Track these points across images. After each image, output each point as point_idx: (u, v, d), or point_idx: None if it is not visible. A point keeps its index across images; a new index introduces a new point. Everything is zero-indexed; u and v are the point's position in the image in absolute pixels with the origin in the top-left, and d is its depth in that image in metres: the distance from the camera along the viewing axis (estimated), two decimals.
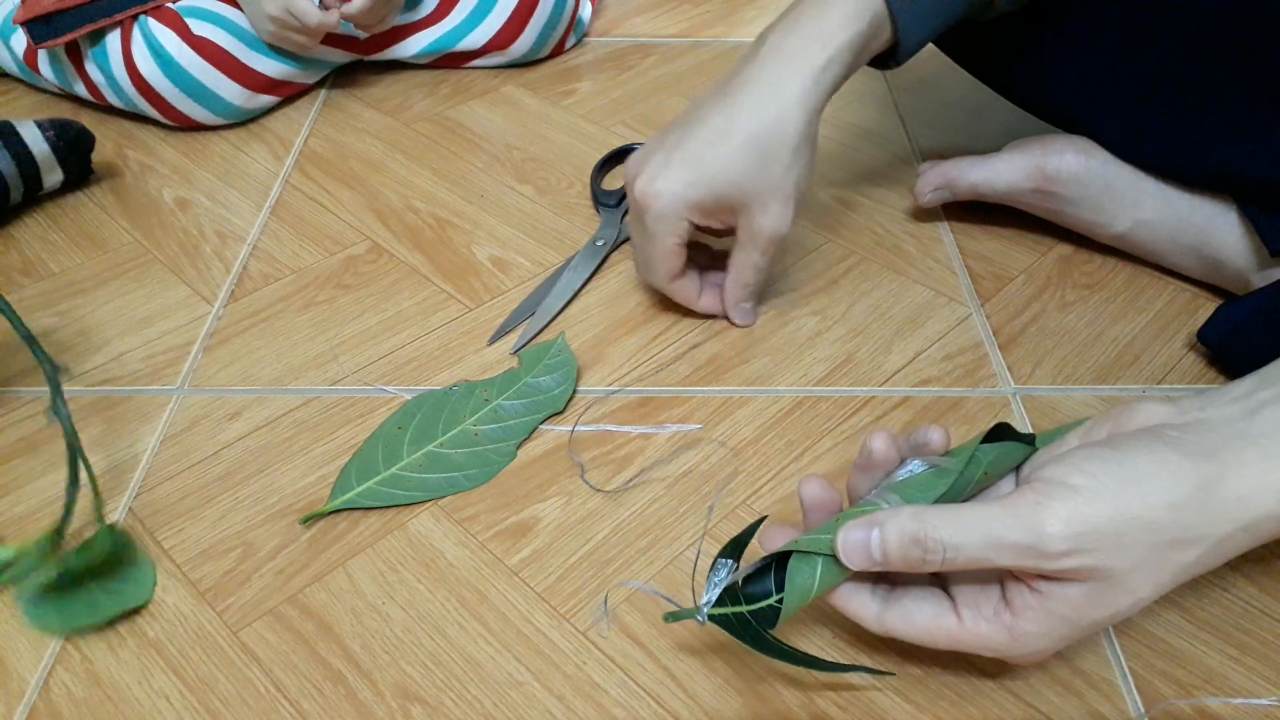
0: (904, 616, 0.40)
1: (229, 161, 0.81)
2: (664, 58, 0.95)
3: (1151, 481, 0.36)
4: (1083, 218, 0.66)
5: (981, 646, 0.39)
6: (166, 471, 0.55)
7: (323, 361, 0.61)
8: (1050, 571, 0.36)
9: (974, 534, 0.37)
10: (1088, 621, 0.37)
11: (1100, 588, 0.36)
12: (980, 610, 0.39)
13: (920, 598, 0.40)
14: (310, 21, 0.78)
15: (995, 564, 0.37)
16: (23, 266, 0.70)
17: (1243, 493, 0.36)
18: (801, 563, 0.40)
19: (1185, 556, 0.36)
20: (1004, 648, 0.39)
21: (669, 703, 0.44)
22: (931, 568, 0.38)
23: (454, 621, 0.47)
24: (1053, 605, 0.37)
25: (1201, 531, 0.36)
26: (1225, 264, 0.62)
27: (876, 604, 0.41)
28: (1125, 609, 0.37)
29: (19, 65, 0.89)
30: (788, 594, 0.40)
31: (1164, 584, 0.37)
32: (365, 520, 0.52)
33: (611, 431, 0.56)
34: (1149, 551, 0.36)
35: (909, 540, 0.37)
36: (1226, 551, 0.37)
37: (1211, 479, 0.36)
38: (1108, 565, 0.36)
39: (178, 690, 0.45)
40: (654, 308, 0.65)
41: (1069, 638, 0.38)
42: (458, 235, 0.72)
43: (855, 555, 0.39)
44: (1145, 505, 0.36)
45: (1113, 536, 0.35)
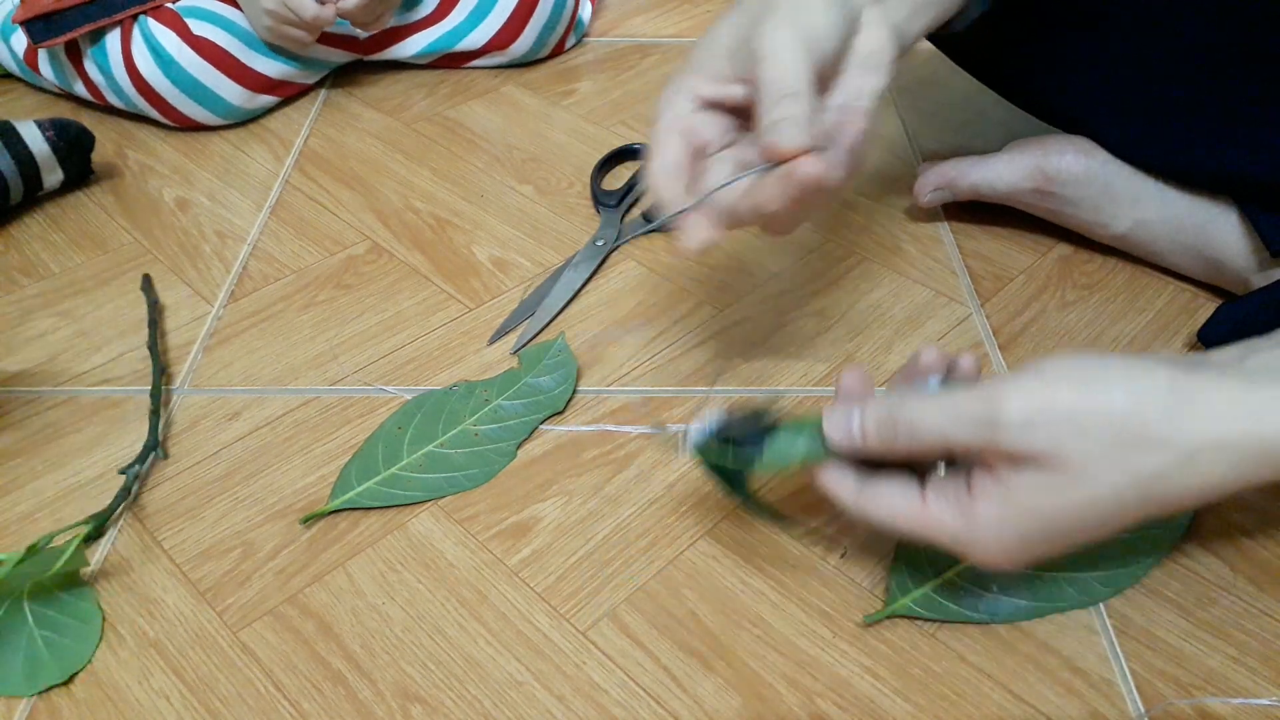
0: (874, 497, 0.41)
1: (229, 161, 0.81)
2: (664, 58, 0.95)
3: (1120, 375, 0.36)
4: (1083, 218, 0.66)
5: (939, 530, 0.39)
6: (166, 471, 0.55)
7: (323, 361, 0.61)
8: (1006, 449, 0.36)
9: (937, 409, 0.38)
10: (1043, 514, 0.37)
11: (1055, 477, 0.36)
12: (944, 494, 0.40)
13: (893, 480, 0.41)
14: (306, 15, 0.78)
15: (955, 440, 0.38)
16: (23, 266, 0.70)
17: (1218, 407, 0.35)
18: (791, 433, 0.43)
19: (1148, 460, 0.35)
20: (960, 532, 0.39)
21: (669, 703, 0.44)
22: (901, 444, 0.39)
23: (454, 621, 0.47)
24: (1009, 492, 0.37)
25: (1166, 434, 0.35)
26: (1225, 264, 0.62)
27: (854, 486, 0.42)
28: (1082, 505, 0.36)
29: (19, 65, 0.89)
30: (768, 451, 0.43)
31: (1124, 491, 0.36)
32: (365, 520, 0.52)
33: (611, 431, 0.56)
34: (1109, 445, 0.35)
35: (883, 417, 0.39)
36: (1200, 474, 0.36)
37: (1185, 386, 0.35)
38: (1063, 450, 0.35)
39: (178, 690, 0.45)
40: (654, 308, 0.65)
41: (1025, 535, 0.38)
42: (458, 235, 0.72)
43: (836, 430, 0.41)
44: (1109, 396, 0.35)
45: (1070, 421, 0.35)
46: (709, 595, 0.48)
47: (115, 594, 0.48)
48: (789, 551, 0.50)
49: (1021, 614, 0.46)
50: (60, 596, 0.48)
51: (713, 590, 0.48)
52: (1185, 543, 0.49)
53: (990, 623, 0.46)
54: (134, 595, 0.48)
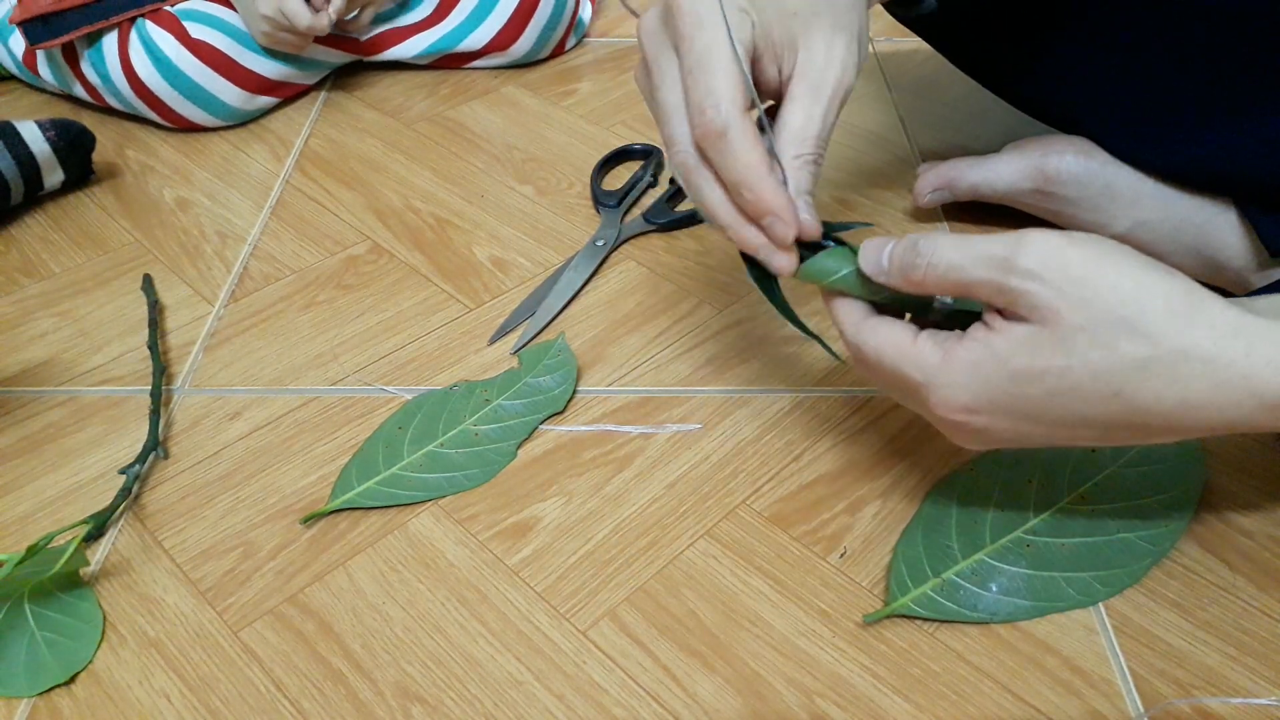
0: (873, 329, 0.42)
1: (229, 161, 0.81)
2: None
3: (1139, 263, 0.36)
4: (1083, 218, 0.66)
5: (915, 364, 0.40)
6: (167, 471, 0.55)
7: (323, 361, 0.61)
8: (1010, 290, 0.36)
9: (960, 245, 0.38)
10: (1016, 370, 0.37)
11: (1042, 334, 0.36)
12: (934, 337, 0.40)
13: (894, 319, 0.42)
14: (301, 24, 0.79)
15: (968, 273, 0.38)
16: (23, 266, 0.70)
17: (1216, 325, 0.35)
18: (836, 255, 0.44)
19: (1133, 350, 0.35)
20: (934, 370, 0.39)
21: (669, 703, 0.44)
22: (918, 273, 0.39)
23: (454, 621, 0.47)
24: (994, 339, 0.37)
25: (1160, 330, 0.35)
26: (1225, 264, 0.62)
27: (860, 315, 0.43)
28: (1056, 374, 0.36)
29: (18, 66, 0.89)
30: (807, 263, 0.44)
31: (1101, 374, 0.36)
32: (365, 520, 0.52)
33: (611, 431, 0.56)
34: (1100, 318, 0.35)
35: (906, 247, 0.40)
36: (1179, 384, 0.35)
37: (1193, 296, 0.36)
38: (1059, 308, 0.36)
39: (178, 690, 0.45)
40: (654, 308, 0.65)
41: (991, 390, 0.38)
42: (458, 235, 0.72)
43: (870, 255, 0.41)
44: (1120, 274, 0.36)
45: (1077, 281, 0.36)
46: (709, 595, 0.48)
47: (116, 594, 0.49)
48: (789, 551, 0.50)
49: (1021, 614, 0.46)
50: (61, 597, 0.48)
51: (713, 590, 0.48)
52: (1185, 543, 0.49)
53: (990, 623, 0.46)
54: (134, 595, 0.48)
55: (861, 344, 0.42)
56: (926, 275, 0.39)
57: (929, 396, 0.40)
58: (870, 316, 0.43)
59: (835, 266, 0.44)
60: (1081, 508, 0.49)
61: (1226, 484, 0.52)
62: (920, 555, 0.48)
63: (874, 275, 0.42)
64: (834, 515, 0.51)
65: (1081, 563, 0.47)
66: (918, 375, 0.40)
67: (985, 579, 0.47)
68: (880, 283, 0.42)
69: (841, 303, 0.44)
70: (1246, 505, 0.51)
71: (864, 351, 0.42)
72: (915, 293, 0.41)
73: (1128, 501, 0.50)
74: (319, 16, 0.79)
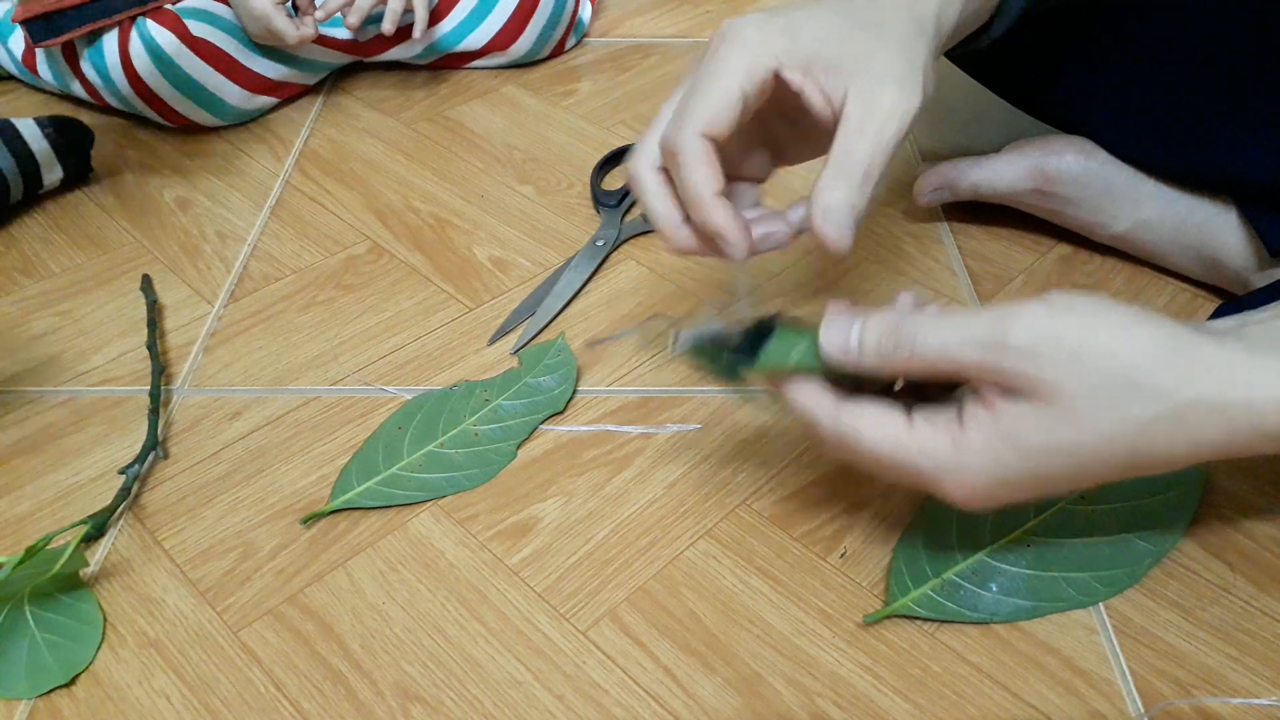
0: (856, 417, 0.39)
1: (229, 161, 0.81)
2: (664, 58, 0.95)
3: (1127, 319, 0.36)
4: (1083, 218, 0.66)
5: (922, 453, 0.38)
6: (167, 471, 0.55)
7: (323, 361, 0.61)
8: (1006, 372, 0.36)
9: (943, 327, 0.37)
10: (1029, 448, 0.36)
11: (1049, 412, 0.36)
12: (933, 420, 0.38)
13: (876, 401, 0.40)
14: (289, 41, 0.79)
15: (958, 359, 0.37)
16: (23, 266, 0.70)
17: (1215, 370, 0.35)
18: (788, 338, 0.41)
19: (1139, 410, 0.35)
20: (945, 458, 0.38)
21: (669, 703, 0.44)
22: (900, 360, 0.38)
23: (454, 621, 0.47)
24: (1000, 421, 0.36)
25: (1163, 386, 0.35)
26: (1225, 264, 0.62)
27: (833, 404, 0.40)
28: (1069, 445, 0.36)
29: (17, 65, 0.89)
30: (761, 356, 0.42)
31: (1111, 436, 0.36)
32: (365, 520, 0.52)
33: (611, 431, 0.56)
34: (1103, 384, 0.35)
35: (886, 327, 0.38)
36: (1189, 432, 0.35)
37: (1185, 341, 0.35)
38: (1061, 382, 0.35)
39: (178, 690, 0.45)
40: (654, 308, 0.65)
41: (1006, 470, 0.37)
42: (458, 235, 0.72)
43: (835, 339, 0.39)
44: (1112, 336, 0.35)
45: (1074, 353, 0.35)
46: (709, 595, 0.48)
47: (115, 594, 0.48)
48: (789, 551, 0.50)
49: (1021, 614, 0.46)
50: (61, 598, 0.48)
51: (713, 590, 0.48)
52: (1185, 543, 0.49)
53: (990, 623, 0.46)
54: (134, 595, 0.48)
55: (845, 437, 0.40)
56: (911, 362, 0.38)
57: (942, 483, 0.39)
58: (846, 403, 0.40)
59: (793, 355, 0.41)
60: (1082, 508, 0.49)
61: (1226, 484, 0.52)
62: (920, 555, 0.48)
63: (840, 359, 0.40)
64: (834, 515, 0.51)
65: (1082, 563, 0.47)
66: (928, 465, 0.38)
67: (985, 579, 0.47)
68: (843, 365, 0.40)
69: (802, 388, 0.41)
70: (1246, 505, 0.51)
71: (852, 445, 0.40)
72: (891, 376, 0.40)
73: (1128, 502, 0.50)
74: (305, 29, 0.80)
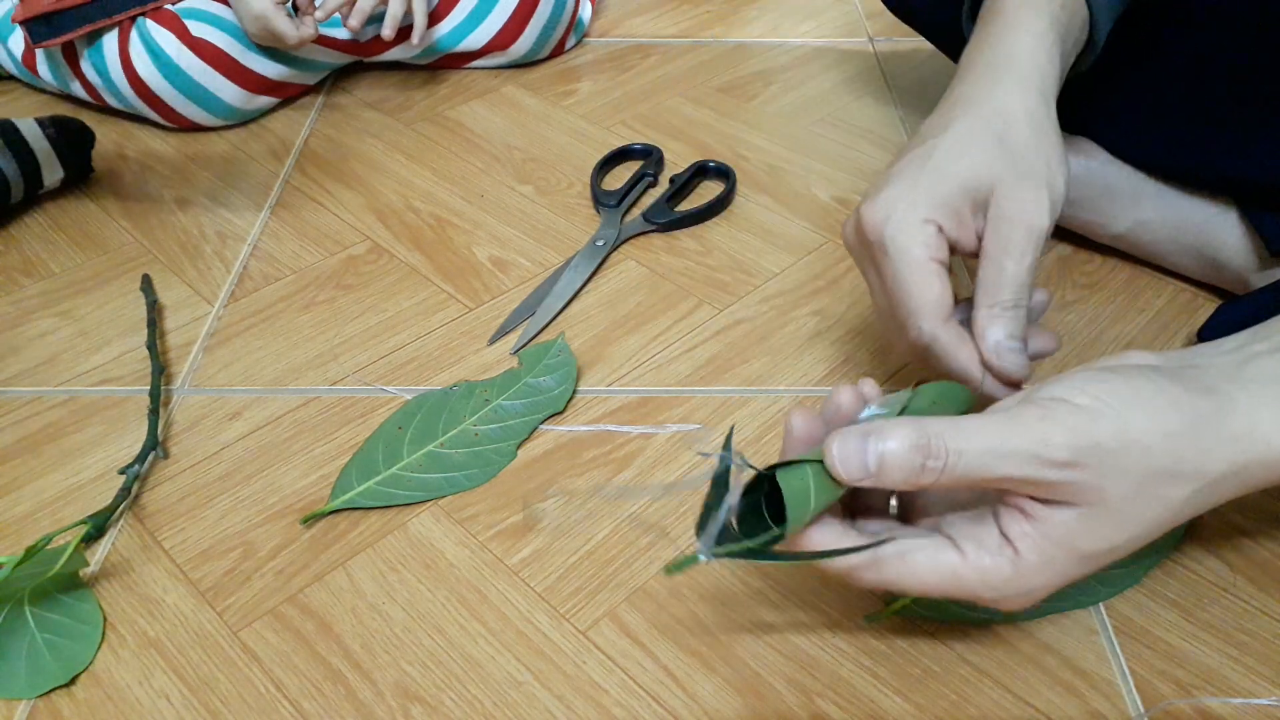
0: (901, 558, 0.37)
1: (229, 161, 0.81)
2: (664, 58, 0.95)
3: (1152, 406, 0.36)
4: (1082, 218, 0.66)
5: (984, 583, 0.37)
6: (167, 471, 0.55)
7: (323, 361, 0.61)
8: (1049, 484, 0.35)
9: (976, 439, 0.35)
10: (1083, 552, 0.36)
11: (1093, 514, 0.35)
12: (983, 544, 0.37)
13: (915, 537, 0.38)
14: (289, 41, 0.79)
15: (995, 475, 0.35)
16: (23, 266, 0.70)
17: (1236, 433, 0.36)
18: (793, 479, 0.37)
19: (1178, 493, 0.36)
20: (1008, 582, 0.37)
21: (669, 703, 0.44)
22: (929, 479, 0.35)
23: (454, 621, 0.47)
24: (1049, 530, 0.36)
25: (1195, 467, 0.36)
26: (1225, 264, 0.62)
27: (865, 552, 0.37)
28: (1118, 545, 0.36)
29: (17, 66, 0.89)
30: (790, 513, 0.36)
31: (1154, 522, 0.36)
32: (365, 520, 0.52)
33: (611, 431, 0.56)
34: (1144, 480, 0.35)
35: (910, 446, 0.35)
36: (1216, 496, 0.37)
37: (1207, 414, 0.36)
38: (1103, 487, 0.35)
39: (178, 690, 0.45)
40: (654, 308, 0.65)
41: (1065, 575, 0.37)
42: (458, 235, 0.72)
43: (850, 464, 0.36)
44: (1145, 430, 0.35)
45: (1112, 455, 0.35)
46: (709, 595, 0.48)
47: (115, 594, 0.48)
48: None
49: (1022, 614, 0.46)
50: (61, 598, 0.47)
51: (713, 590, 0.48)
52: (1185, 543, 0.49)
53: (990, 623, 0.46)
54: (134, 595, 0.48)
55: (891, 581, 0.37)
56: (941, 479, 0.35)
57: (1002, 605, 0.38)
58: (889, 549, 0.37)
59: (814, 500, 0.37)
60: None
61: None
62: None
63: (854, 481, 0.36)
64: None
65: None
66: (990, 594, 0.37)
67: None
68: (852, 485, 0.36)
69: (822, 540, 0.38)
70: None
71: (896, 584, 0.38)
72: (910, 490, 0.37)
73: None
74: (304, 29, 0.80)
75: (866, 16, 1.02)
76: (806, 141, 0.81)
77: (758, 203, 0.74)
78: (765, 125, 0.84)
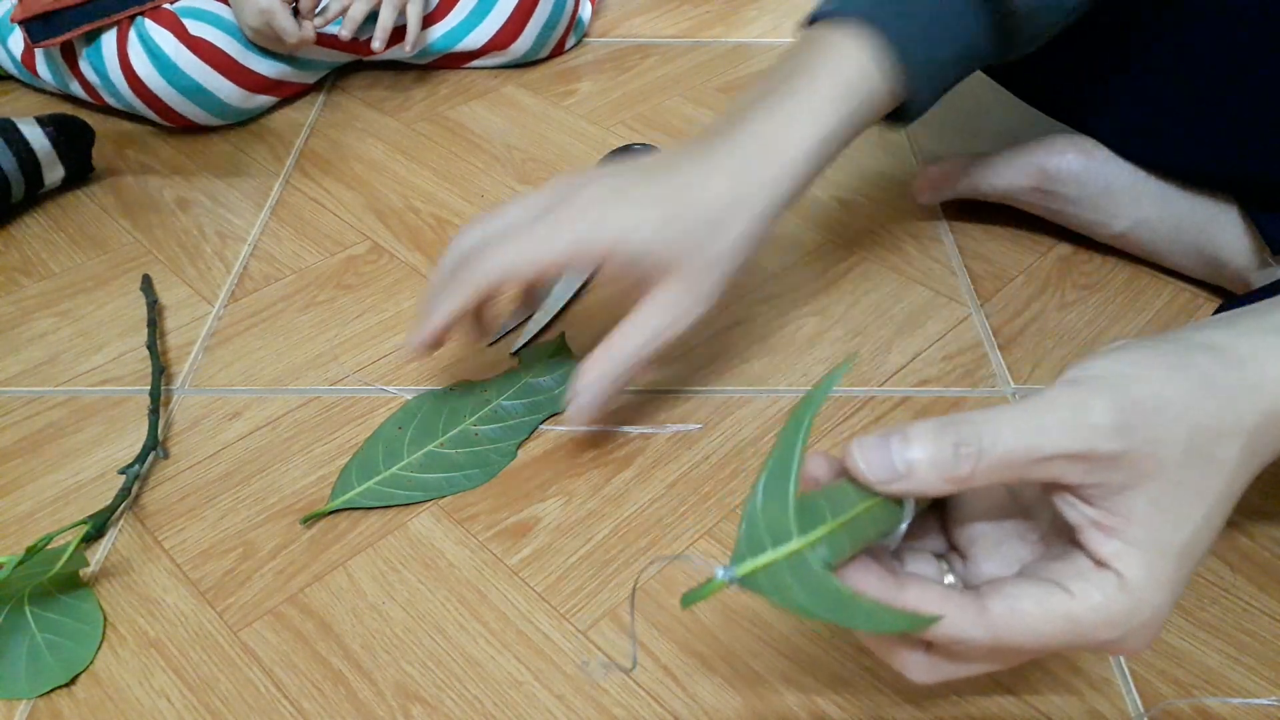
0: (1009, 607, 0.32)
1: (229, 161, 0.81)
2: (664, 58, 0.95)
3: (1167, 365, 0.33)
4: (1082, 217, 0.66)
5: (1106, 622, 0.32)
6: (167, 471, 0.55)
7: (323, 361, 0.61)
8: (1101, 456, 0.31)
9: (1009, 420, 0.32)
10: (1178, 550, 0.32)
11: (1161, 492, 0.32)
12: (1084, 577, 0.32)
13: (1016, 584, 0.33)
14: (289, 40, 0.79)
15: (1039, 455, 0.31)
16: (23, 266, 0.70)
17: (1252, 382, 0.33)
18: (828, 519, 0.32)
19: (1227, 451, 0.33)
20: (1129, 613, 0.32)
21: (669, 703, 0.44)
22: (965, 467, 0.31)
23: (454, 621, 0.47)
24: (1135, 535, 0.32)
25: (1232, 420, 0.33)
26: (1225, 263, 0.62)
27: (970, 607, 0.33)
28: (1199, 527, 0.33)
29: (16, 65, 0.89)
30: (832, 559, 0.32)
31: (1218, 494, 0.33)
32: (365, 520, 0.52)
33: (611, 431, 0.56)
34: (1191, 440, 0.32)
35: (937, 434, 0.32)
36: (1261, 454, 0.34)
37: (1217, 369, 0.33)
38: (1156, 453, 0.32)
39: (178, 690, 0.45)
40: None
41: (1173, 583, 0.33)
42: None
43: (876, 461, 0.32)
44: (1175, 388, 0.32)
45: (1155, 414, 0.32)
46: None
47: (115, 594, 0.48)
48: None
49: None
50: (61, 598, 0.47)
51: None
52: None
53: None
54: (134, 595, 0.48)
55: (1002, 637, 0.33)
56: (978, 469, 0.32)
57: (1129, 644, 0.34)
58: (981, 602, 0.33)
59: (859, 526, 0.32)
60: None
61: None
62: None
63: (887, 487, 0.32)
64: None
65: None
66: (1112, 634, 0.33)
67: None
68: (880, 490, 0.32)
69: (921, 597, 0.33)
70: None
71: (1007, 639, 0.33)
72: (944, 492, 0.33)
73: None
74: (306, 29, 0.80)
75: None
76: None
77: None
78: None
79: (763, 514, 0.32)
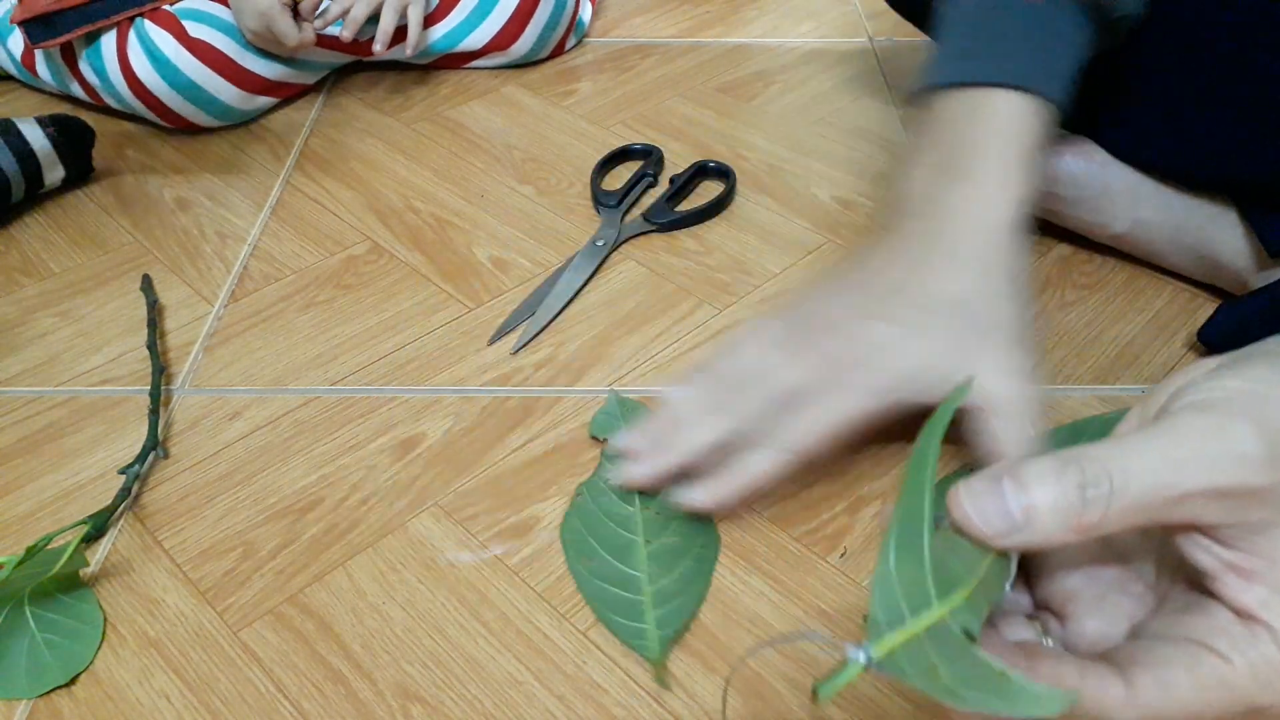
0: (1157, 678, 0.28)
1: (229, 161, 0.81)
2: (664, 58, 0.95)
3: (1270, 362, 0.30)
4: (1082, 218, 0.66)
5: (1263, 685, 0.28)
6: (167, 471, 0.55)
7: (323, 361, 0.61)
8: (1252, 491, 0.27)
9: (1139, 453, 0.28)
10: None
11: None
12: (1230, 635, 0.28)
13: (1152, 650, 0.29)
14: (289, 43, 0.79)
15: (1179, 491, 0.27)
16: (23, 266, 0.70)
17: None
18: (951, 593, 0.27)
19: None
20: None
21: (669, 703, 0.44)
22: (1094, 514, 0.27)
23: (454, 621, 0.47)
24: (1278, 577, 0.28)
25: None
26: (1224, 264, 0.62)
27: (1114, 682, 0.28)
28: None
29: (16, 66, 0.89)
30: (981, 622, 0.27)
31: None
32: (365, 520, 0.52)
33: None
34: None
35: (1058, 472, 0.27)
36: None
37: None
38: None
39: (178, 690, 0.45)
40: (654, 308, 0.65)
41: None
42: (458, 235, 0.72)
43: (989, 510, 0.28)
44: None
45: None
46: (709, 595, 0.48)
47: (115, 594, 0.48)
48: (789, 551, 0.50)
49: None
50: (61, 598, 0.47)
51: (713, 590, 0.48)
52: None
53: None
54: (134, 595, 0.48)
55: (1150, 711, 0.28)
56: (1109, 512, 0.27)
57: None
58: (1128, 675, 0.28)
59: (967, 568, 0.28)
60: None
61: None
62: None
63: (1005, 540, 0.28)
64: (834, 515, 0.51)
65: None
66: (1271, 699, 0.28)
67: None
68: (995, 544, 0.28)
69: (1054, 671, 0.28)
70: None
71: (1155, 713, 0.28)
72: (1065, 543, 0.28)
73: None
74: (305, 33, 0.80)
75: (866, 16, 1.02)
76: (806, 141, 0.81)
77: (758, 203, 0.74)
78: (765, 125, 0.84)
79: (897, 576, 0.27)
